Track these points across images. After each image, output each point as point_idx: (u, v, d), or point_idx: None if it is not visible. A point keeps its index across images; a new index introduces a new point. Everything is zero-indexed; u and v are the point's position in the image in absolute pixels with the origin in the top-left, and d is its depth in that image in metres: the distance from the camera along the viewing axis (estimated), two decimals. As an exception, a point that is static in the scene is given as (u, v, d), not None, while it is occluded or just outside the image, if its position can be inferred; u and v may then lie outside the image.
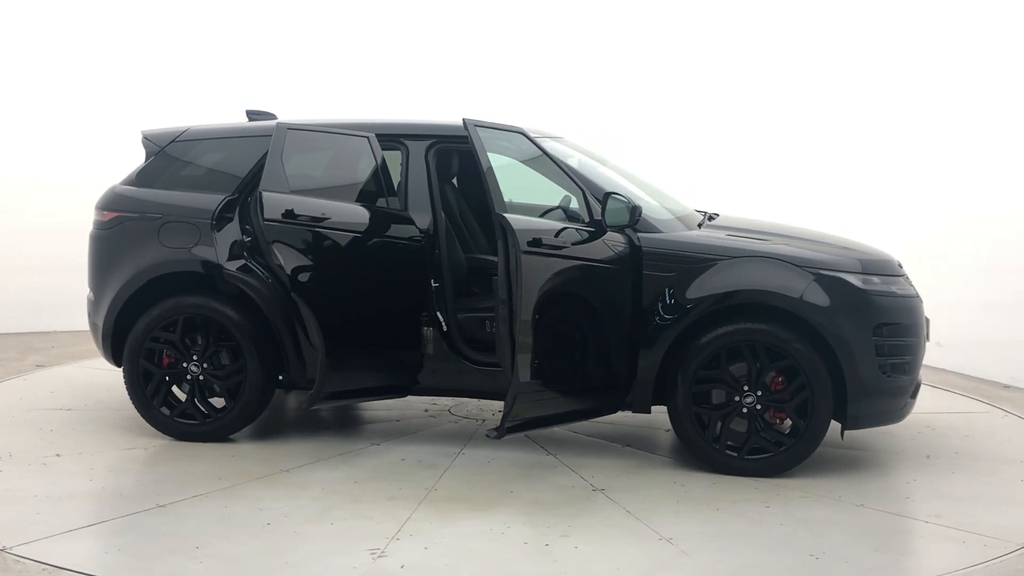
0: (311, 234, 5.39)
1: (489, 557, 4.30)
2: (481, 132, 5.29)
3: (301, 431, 6.33)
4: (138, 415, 6.04)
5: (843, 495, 5.17)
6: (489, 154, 5.89)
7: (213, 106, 7.92)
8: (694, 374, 5.44)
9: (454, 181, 6.58)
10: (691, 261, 5.50)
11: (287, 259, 5.29)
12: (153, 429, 6.00)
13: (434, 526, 4.64)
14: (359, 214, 5.58)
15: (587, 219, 5.49)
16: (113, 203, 6.12)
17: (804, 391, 5.37)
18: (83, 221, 6.39)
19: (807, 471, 5.50)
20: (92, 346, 7.75)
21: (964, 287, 8.24)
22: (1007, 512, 4.98)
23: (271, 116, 6.56)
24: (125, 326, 5.99)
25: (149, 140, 6.24)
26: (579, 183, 5.55)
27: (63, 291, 8.72)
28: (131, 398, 5.99)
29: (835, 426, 5.51)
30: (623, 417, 6.21)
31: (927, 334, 5.87)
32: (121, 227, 6.03)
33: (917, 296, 5.70)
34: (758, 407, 5.42)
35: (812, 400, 5.36)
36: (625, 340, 5.48)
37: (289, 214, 5.33)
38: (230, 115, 6.77)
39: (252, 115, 6.55)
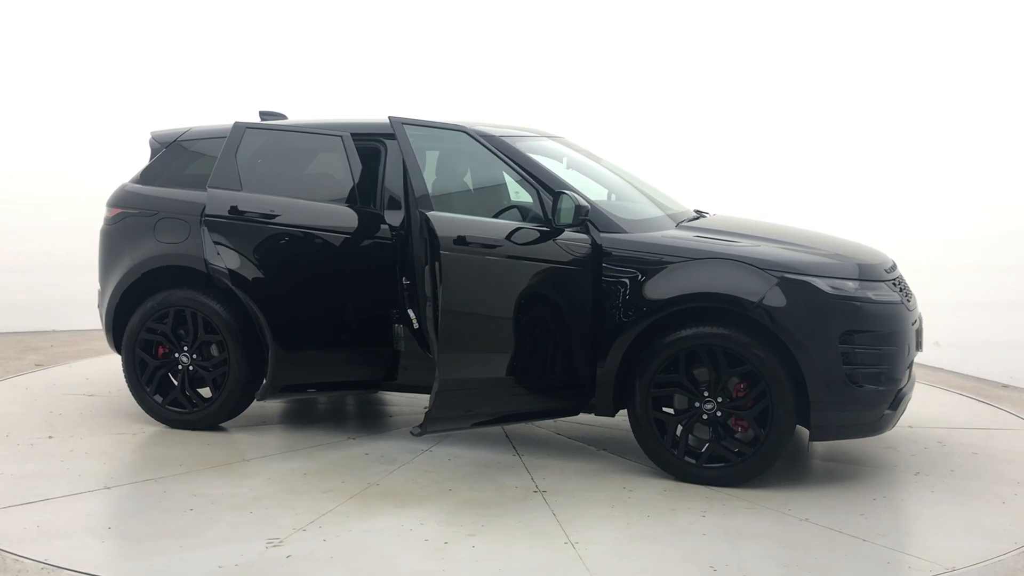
0: (258, 230, 5.53)
1: (380, 552, 4.32)
2: (425, 131, 5.32)
3: (299, 422, 6.48)
4: (144, 404, 6.33)
5: (793, 508, 4.95)
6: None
7: (230, 108, 8.13)
8: (652, 378, 5.31)
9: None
10: (649, 262, 5.37)
11: (231, 254, 5.44)
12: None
13: (349, 520, 4.69)
14: (316, 211, 5.68)
15: (544, 218, 5.42)
16: (118, 200, 6.43)
17: (764, 399, 5.17)
18: (84, 220, 6.73)
19: (772, 481, 5.31)
20: (90, 344, 8.19)
21: (963, 286, 8.08)
22: (962, 536, 4.66)
23: (283, 117, 6.75)
24: (125, 317, 6.27)
25: (155, 139, 6.52)
26: (533, 181, 5.49)
27: (62, 290, 9.12)
28: (128, 386, 6.27)
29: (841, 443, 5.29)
30: (616, 421, 6.12)
31: (917, 343, 5.56)
32: (123, 223, 6.33)
33: (900, 303, 5.39)
34: (718, 414, 5.25)
35: (772, 409, 5.15)
36: (582, 341, 5.39)
37: (235, 210, 5.49)
38: (246, 117, 6.98)
39: (265, 116, 6.74)
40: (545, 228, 5.37)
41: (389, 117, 5.33)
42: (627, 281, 5.38)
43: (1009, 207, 7.84)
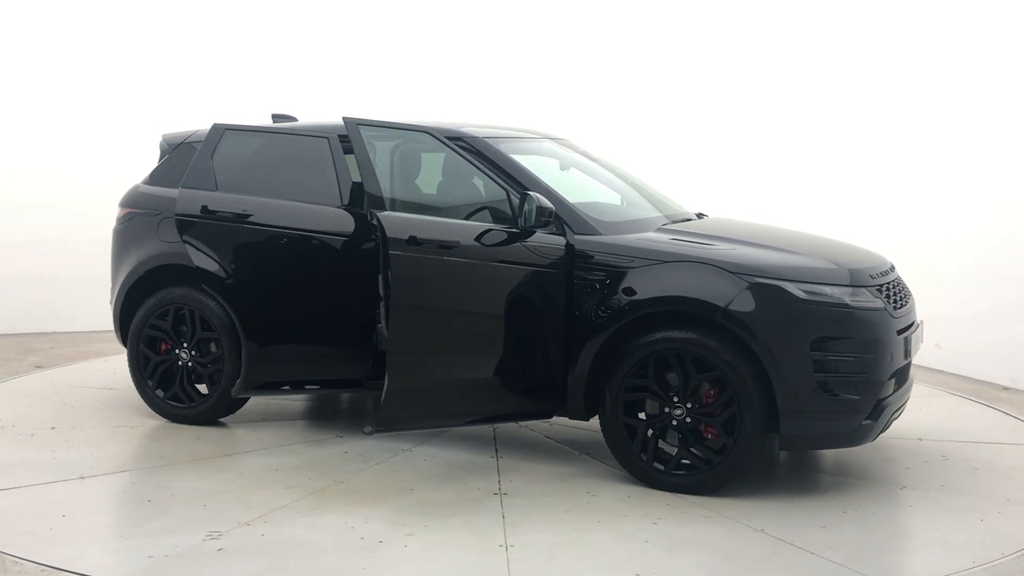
0: (228, 229, 5.63)
1: (310, 548, 4.36)
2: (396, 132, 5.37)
3: (305, 418, 6.58)
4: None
5: (754, 518, 4.82)
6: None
7: (244, 110, 8.22)
8: (622, 383, 5.24)
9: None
10: (620, 265, 5.29)
11: (200, 252, 5.55)
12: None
13: (297, 516, 4.74)
14: (294, 211, 5.75)
15: (518, 219, 5.37)
16: (128, 200, 6.63)
17: (732, 406, 5.05)
18: (83, 221, 6.91)
19: (745, 490, 5.18)
20: (90, 346, 8.34)
21: (964, 287, 8.08)
22: (918, 552, 4.53)
23: (294, 119, 6.87)
24: (132, 313, 6.46)
25: (165, 141, 6.71)
26: (502, 182, 5.46)
27: (61, 291, 9.12)
28: (132, 380, 6.47)
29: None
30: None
31: (905, 351, 5.34)
32: (131, 222, 6.52)
33: (882, 309, 5.19)
34: (688, 420, 5.15)
35: (739, 416, 5.03)
36: (554, 344, 5.34)
37: (205, 210, 5.61)
38: (265, 119, 7.10)
39: (276, 118, 6.87)
40: (511, 229, 5.33)
41: (343, 118, 5.37)
42: (598, 283, 5.32)
43: (1011, 208, 7.66)
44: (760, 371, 5.01)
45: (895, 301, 5.38)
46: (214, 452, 5.76)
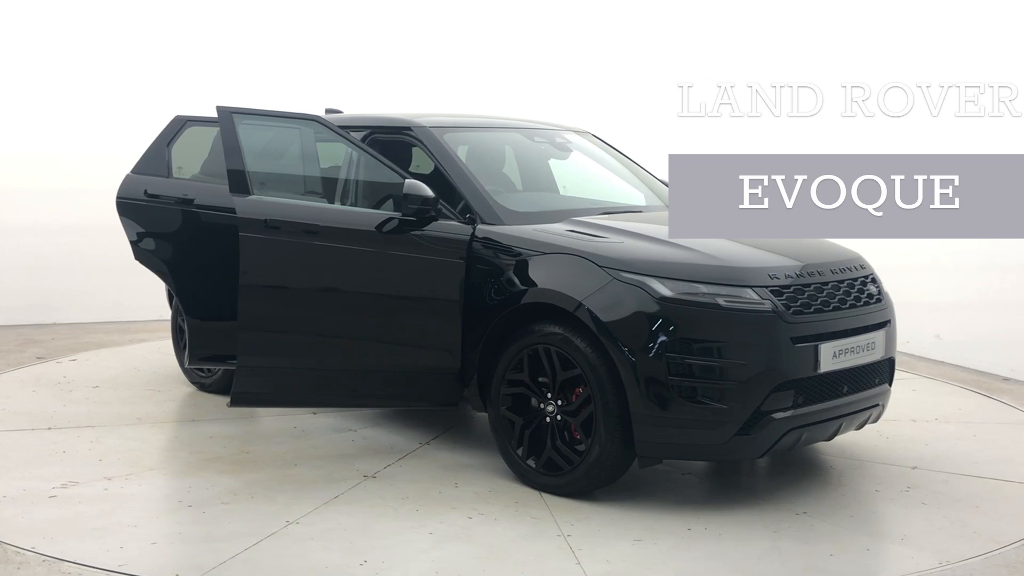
0: (166, 212, 6.09)
1: (127, 505, 4.72)
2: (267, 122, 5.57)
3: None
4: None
5: (577, 525, 4.58)
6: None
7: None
8: (503, 376, 5.15)
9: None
10: (511, 255, 5.17)
11: (135, 232, 6.06)
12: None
13: (159, 477, 5.15)
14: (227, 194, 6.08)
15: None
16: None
17: (590, 406, 4.82)
18: (84, 213, 7.77)
19: (617, 496, 4.91)
20: (91, 337, 8.83)
21: (965, 280, 8.13)
22: (699, 576, 4.09)
23: (340, 113, 7.25)
24: (174, 289, 7.17)
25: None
26: (400, 171, 5.48)
27: (62, 283, 9.30)
28: (174, 350, 7.17)
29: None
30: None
31: (814, 360, 4.79)
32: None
33: (768, 312, 4.70)
34: (558, 418, 4.98)
35: (595, 417, 4.79)
36: (443, 334, 5.30)
37: (146, 193, 6.11)
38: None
39: (328, 112, 7.28)
40: (395, 215, 5.36)
41: (217, 107, 5.61)
42: (488, 273, 5.25)
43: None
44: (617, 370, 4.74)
45: (815, 304, 4.85)
46: (185, 417, 6.28)
